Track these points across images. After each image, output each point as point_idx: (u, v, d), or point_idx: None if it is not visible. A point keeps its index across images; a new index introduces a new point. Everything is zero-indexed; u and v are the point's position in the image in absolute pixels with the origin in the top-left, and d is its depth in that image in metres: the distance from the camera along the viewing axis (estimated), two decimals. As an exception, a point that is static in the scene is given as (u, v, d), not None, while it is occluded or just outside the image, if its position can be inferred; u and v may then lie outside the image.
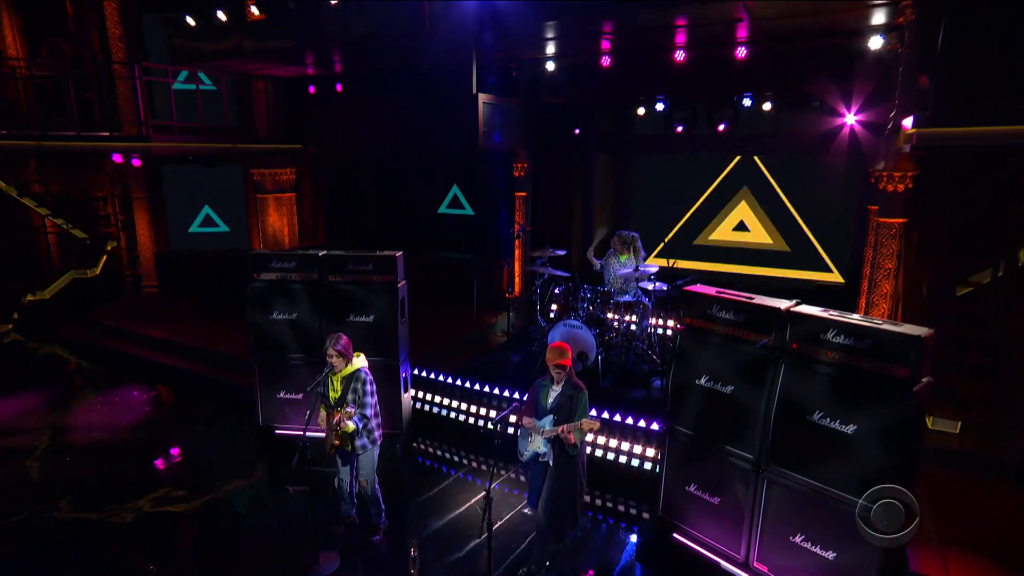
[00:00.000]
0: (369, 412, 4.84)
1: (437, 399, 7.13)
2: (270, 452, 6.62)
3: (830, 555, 3.99)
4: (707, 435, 4.63)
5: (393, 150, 11.56)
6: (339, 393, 4.84)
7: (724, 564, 4.58)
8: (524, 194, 9.99)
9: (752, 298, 4.43)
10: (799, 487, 4.13)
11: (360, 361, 4.93)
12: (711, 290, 4.66)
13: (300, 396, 6.62)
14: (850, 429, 3.83)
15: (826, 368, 3.97)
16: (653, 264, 7.21)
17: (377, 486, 5.10)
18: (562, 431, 4.19)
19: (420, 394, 7.20)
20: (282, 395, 6.68)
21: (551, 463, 4.41)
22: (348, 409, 4.60)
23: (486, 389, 6.88)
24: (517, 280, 10.04)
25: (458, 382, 7.03)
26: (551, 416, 4.37)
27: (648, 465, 5.90)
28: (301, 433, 6.27)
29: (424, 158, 11.63)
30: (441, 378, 7.14)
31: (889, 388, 3.69)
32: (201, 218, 12.18)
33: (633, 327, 7.34)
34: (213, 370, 8.39)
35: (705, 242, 10.21)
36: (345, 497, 5.18)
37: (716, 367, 4.55)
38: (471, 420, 6.88)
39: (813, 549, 4.06)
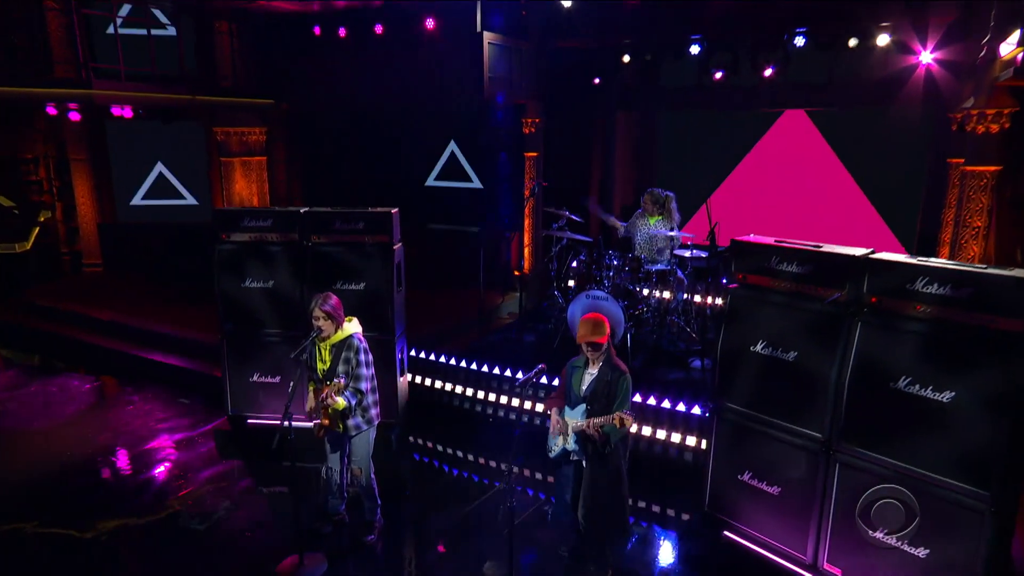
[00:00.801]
0: (364, 386, 4.74)
1: (439, 384, 7.06)
2: (242, 445, 6.54)
3: (921, 552, 3.89)
4: (764, 412, 4.54)
5: (381, 106, 11.44)
6: (328, 364, 4.74)
7: (786, 565, 4.49)
8: (535, 154, 9.93)
9: (820, 246, 4.34)
10: (880, 470, 4.03)
11: (353, 326, 4.83)
12: (768, 239, 4.58)
13: (278, 379, 6.54)
14: (946, 397, 3.73)
15: (914, 324, 3.87)
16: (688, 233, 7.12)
17: (373, 475, 5.00)
18: (589, 426, 4.06)
19: (419, 379, 7.14)
20: (256, 378, 6.60)
21: (584, 463, 4.33)
22: (338, 381, 4.50)
23: (496, 371, 6.81)
24: (528, 254, 9.98)
25: (463, 364, 6.97)
26: (583, 406, 4.25)
27: (689, 456, 5.84)
28: (279, 424, 6.35)
29: (418, 115, 11.52)
30: (443, 360, 7.08)
31: (996, 345, 3.56)
32: (151, 182, 12.04)
33: (667, 300, 7.27)
34: (170, 355, 8.33)
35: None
36: (334, 490, 5.09)
37: (776, 330, 4.45)
38: (478, 408, 6.83)
39: (899, 546, 3.96)
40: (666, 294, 7.32)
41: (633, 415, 4.18)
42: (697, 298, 7.83)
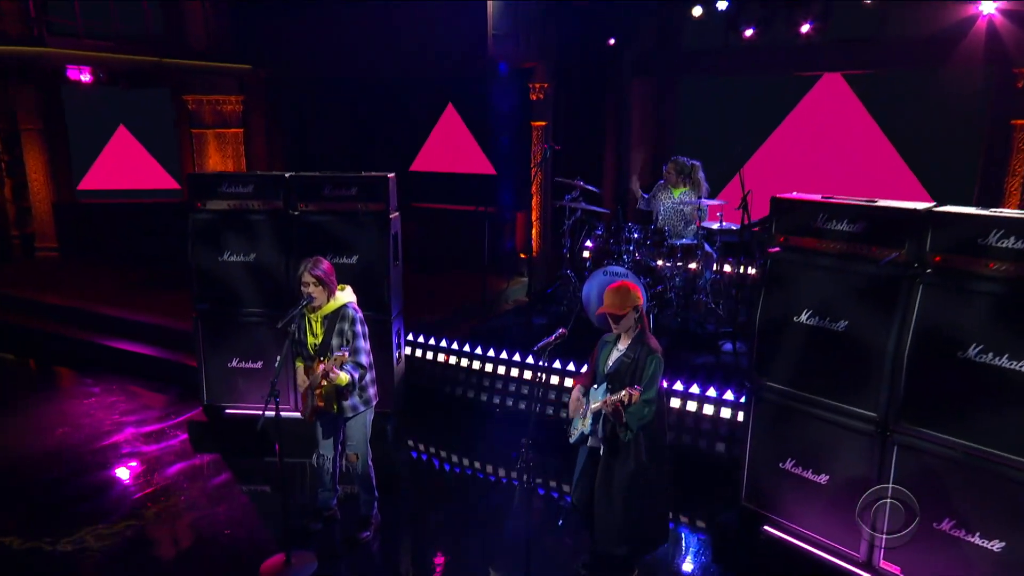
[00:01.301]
0: (365, 360, 4.67)
1: (439, 371, 7.02)
2: (219, 438, 6.48)
3: (995, 546, 3.79)
4: (810, 390, 4.44)
5: (372, 71, 11.35)
6: (320, 337, 4.65)
7: (836, 563, 4.38)
8: (543, 124, 9.85)
9: (874, 201, 4.25)
10: (946, 452, 3.92)
11: (346, 295, 4.75)
12: (814, 196, 4.50)
13: (259, 364, 6.49)
14: None
15: (986, 285, 3.76)
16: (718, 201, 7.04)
17: (370, 463, 4.93)
18: (604, 404, 3.99)
19: (417, 365, 7.11)
20: (235, 364, 6.54)
21: (602, 453, 4.21)
22: (341, 354, 4.41)
23: (503, 356, 6.75)
24: (535, 235, 9.90)
25: (466, 348, 6.93)
26: (605, 385, 4.16)
27: (722, 447, 5.77)
28: (261, 410, 6.30)
29: (413, 81, 11.47)
30: (444, 344, 7.03)
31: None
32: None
33: (693, 277, 7.21)
34: (137, 343, 8.29)
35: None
36: (326, 481, 5.02)
37: (823, 297, 4.35)
38: (483, 397, 6.77)
39: (969, 539, 3.85)
40: (692, 268, 7.24)
41: (654, 399, 4.03)
42: (728, 269, 7.77)
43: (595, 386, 4.27)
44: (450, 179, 11.80)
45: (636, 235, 6.96)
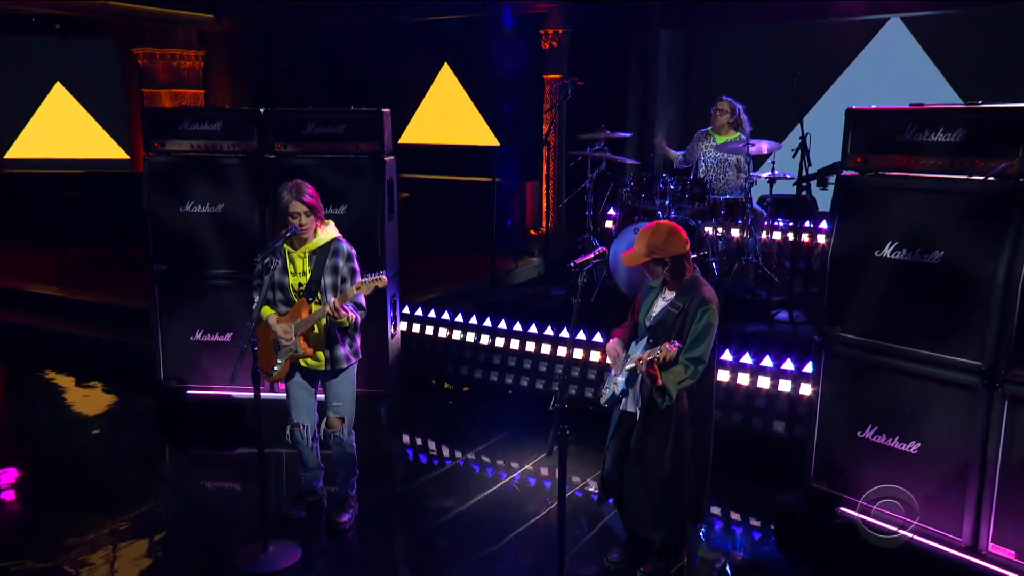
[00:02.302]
0: (362, 300, 4.53)
1: (441, 347, 6.91)
2: (179, 423, 6.32)
3: None
4: (894, 339, 4.23)
5: (354, 21, 11.22)
6: (308, 275, 4.47)
7: (933, 548, 4.13)
8: (557, 76, 9.69)
9: (977, 103, 4.06)
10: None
11: (333, 229, 4.62)
12: (900, 106, 4.31)
13: (227, 337, 6.31)
14: None
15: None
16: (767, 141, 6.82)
17: (352, 431, 4.76)
18: (637, 362, 3.80)
19: (415, 341, 7.04)
20: (198, 336, 6.36)
21: (638, 416, 4.03)
22: (371, 279, 4.25)
23: (517, 327, 6.61)
24: (547, 205, 9.71)
25: (472, 320, 6.80)
26: (646, 340, 3.97)
27: (779, 425, 5.60)
28: (226, 393, 6.12)
29: (402, 31, 11.32)
30: (447, 316, 6.92)
31: None
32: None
33: (740, 237, 7.02)
34: (78, 324, 8.20)
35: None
36: (308, 458, 4.83)
37: (912, 225, 4.16)
38: (492, 377, 6.64)
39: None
40: (735, 233, 7.06)
41: (703, 357, 3.83)
42: (778, 237, 7.63)
43: (636, 341, 4.09)
44: (447, 147, 11.68)
45: (673, 187, 6.75)
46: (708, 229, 6.91)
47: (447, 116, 11.85)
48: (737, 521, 5.05)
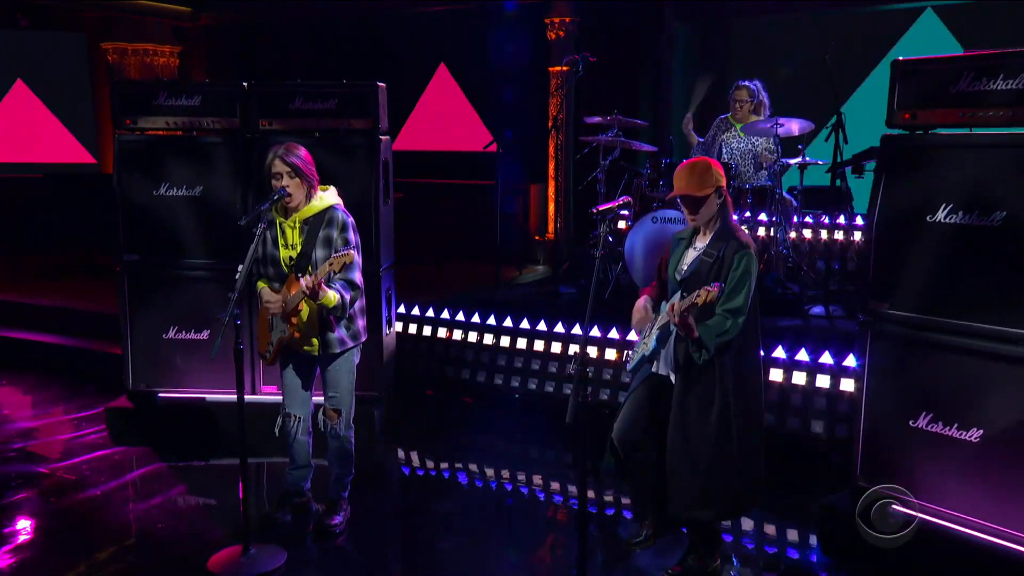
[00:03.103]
0: (357, 278, 4.44)
1: (441, 350, 6.86)
2: (150, 428, 6.24)
3: None
4: (951, 314, 4.17)
5: (343, 12, 11.25)
6: (299, 248, 4.41)
7: (1002, 547, 4.01)
8: (564, 69, 9.69)
9: (1039, 46, 4.02)
10: None
11: (331, 196, 4.55)
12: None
13: (205, 335, 6.23)
14: None
15: None
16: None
17: (352, 424, 4.70)
18: (670, 311, 3.73)
19: (411, 342, 7.03)
20: (172, 334, 6.27)
21: (675, 381, 3.98)
22: (343, 253, 4.14)
23: (524, 325, 6.56)
24: (555, 207, 9.66)
25: (475, 319, 6.77)
26: (679, 294, 3.92)
27: (818, 426, 5.49)
28: (200, 396, 6.03)
29: (394, 28, 11.38)
30: (447, 315, 6.90)
31: None
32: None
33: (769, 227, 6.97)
34: (39, 333, 8.24)
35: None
36: (298, 454, 4.72)
37: (969, 185, 4.10)
38: (497, 380, 6.58)
39: None
40: (762, 223, 7.03)
41: (743, 308, 3.77)
42: (808, 235, 7.56)
43: (666, 301, 4.03)
44: (444, 154, 11.74)
45: None
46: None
47: (444, 120, 11.89)
48: (775, 524, 4.96)
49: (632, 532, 4.48)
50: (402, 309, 6.98)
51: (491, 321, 6.69)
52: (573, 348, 6.26)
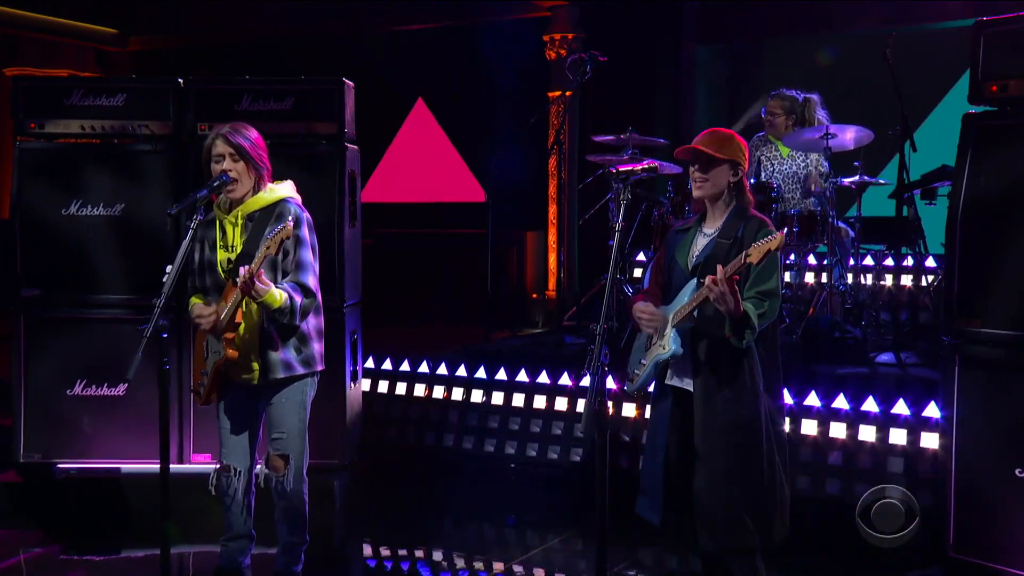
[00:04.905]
0: (310, 280, 4.41)
1: (417, 410, 6.92)
2: (47, 509, 6.14)
3: None
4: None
5: (295, 39, 11.39)
6: (239, 249, 4.37)
7: None
8: (565, 92, 9.77)
9: None
10: None
11: (286, 189, 4.57)
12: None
13: (120, 391, 6.12)
14: None
15: None
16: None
17: (305, 476, 4.61)
18: (708, 286, 3.79)
19: (382, 402, 7.10)
20: (79, 389, 6.15)
21: (694, 389, 4.05)
22: (282, 227, 4.10)
23: (522, 378, 6.57)
24: (554, 260, 9.63)
25: (460, 371, 6.80)
26: (693, 283, 4.03)
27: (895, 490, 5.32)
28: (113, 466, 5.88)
29: (360, 53, 11.59)
30: (426, 368, 6.98)
31: None
32: None
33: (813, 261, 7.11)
34: None
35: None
36: (235, 519, 4.59)
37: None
38: (488, 446, 6.56)
39: None
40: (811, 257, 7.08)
41: (776, 290, 3.89)
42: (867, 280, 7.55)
43: (670, 303, 4.14)
44: (423, 205, 11.95)
45: None
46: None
47: (422, 165, 12.03)
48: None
49: None
50: (370, 363, 7.00)
51: (480, 374, 6.70)
52: (581, 403, 6.14)
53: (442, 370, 6.86)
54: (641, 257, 8.53)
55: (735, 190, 4.09)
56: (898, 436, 5.43)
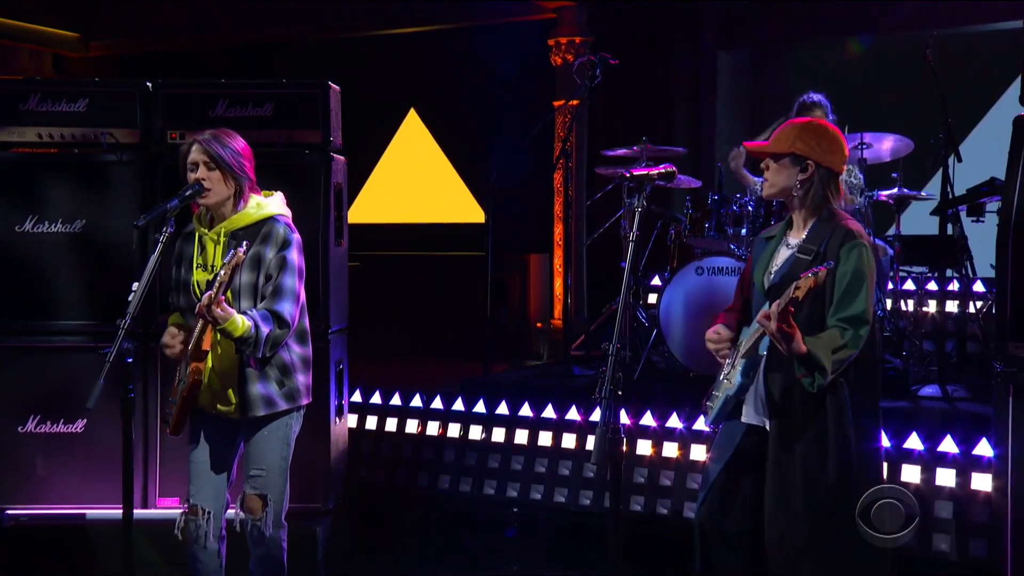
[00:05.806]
0: (287, 309, 4.37)
1: (410, 449, 6.97)
2: None
3: None
4: None
5: (272, 43, 11.42)
6: (219, 269, 4.30)
7: None
8: (573, 103, 9.83)
9: None
10: None
11: (275, 204, 4.61)
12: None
13: (79, 427, 6.10)
14: None
15: None
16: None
17: (284, 520, 4.59)
18: (763, 318, 3.71)
19: (369, 440, 7.14)
20: (31, 426, 6.14)
21: (770, 432, 3.98)
22: (226, 264, 4.07)
23: (525, 412, 6.58)
24: (560, 286, 9.61)
25: (457, 405, 6.81)
26: (767, 304, 3.93)
27: (943, 542, 5.35)
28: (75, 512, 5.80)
29: (345, 59, 11.71)
30: (418, 403, 7.02)
31: None
32: None
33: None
34: None
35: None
36: (203, 564, 4.52)
37: None
38: (488, 488, 6.56)
39: None
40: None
41: (863, 316, 3.74)
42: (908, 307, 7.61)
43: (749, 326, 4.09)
44: (415, 226, 12.05)
45: (752, 208, 6.82)
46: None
47: (413, 183, 12.08)
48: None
49: None
50: (357, 397, 7.02)
51: (479, 408, 6.71)
52: (591, 439, 6.14)
53: (437, 404, 6.88)
54: (656, 281, 8.54)
55: (816, 192, 3.95)
56: (946, 477, 5.41)
